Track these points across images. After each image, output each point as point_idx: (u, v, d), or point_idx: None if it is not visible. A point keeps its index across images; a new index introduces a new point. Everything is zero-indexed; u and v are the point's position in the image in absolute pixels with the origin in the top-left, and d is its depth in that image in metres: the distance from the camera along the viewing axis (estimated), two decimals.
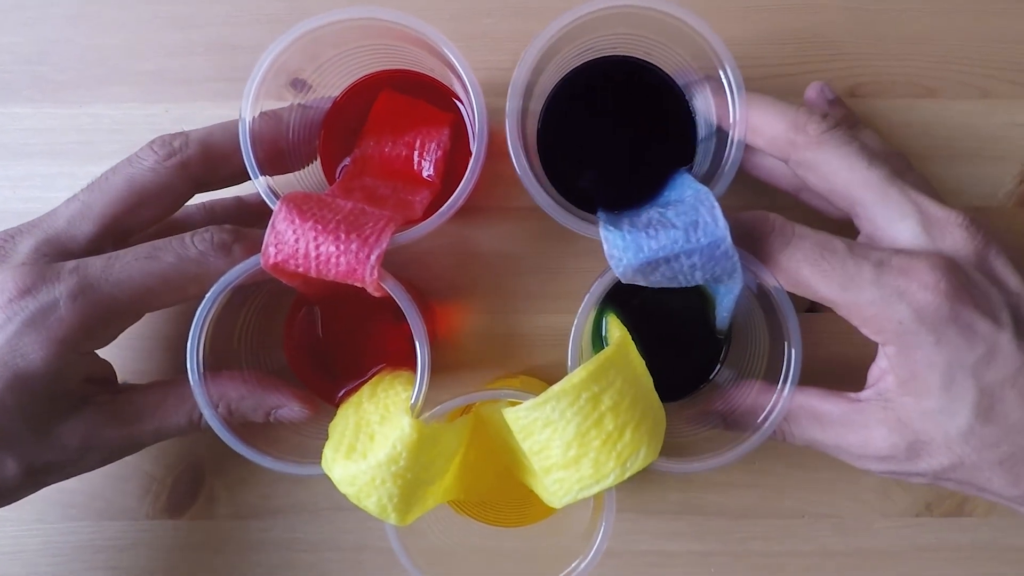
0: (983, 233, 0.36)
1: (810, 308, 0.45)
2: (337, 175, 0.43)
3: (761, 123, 0.38)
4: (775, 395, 0.37)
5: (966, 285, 0.34)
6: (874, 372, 0.37)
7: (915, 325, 0.34)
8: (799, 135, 0.37)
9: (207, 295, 0.36)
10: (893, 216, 0.36)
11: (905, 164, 0.41)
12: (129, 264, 0.36)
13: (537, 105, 0.41)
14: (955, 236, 0.36)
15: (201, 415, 0.37)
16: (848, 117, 0.43)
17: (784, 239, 0.35)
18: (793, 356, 0.37)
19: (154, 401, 0.39)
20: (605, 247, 0.35)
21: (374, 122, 0.42)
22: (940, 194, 0.38)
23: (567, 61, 0.41)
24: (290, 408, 0.39)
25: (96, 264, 0.36)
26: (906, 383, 0.35)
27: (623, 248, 0.34)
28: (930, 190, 0.39)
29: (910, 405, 0.35)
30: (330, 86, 0.42)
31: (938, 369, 0.34)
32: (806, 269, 0.35)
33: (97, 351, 0.39)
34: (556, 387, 0.33)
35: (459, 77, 0.37)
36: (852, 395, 0.37)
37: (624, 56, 0.41)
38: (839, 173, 0.37)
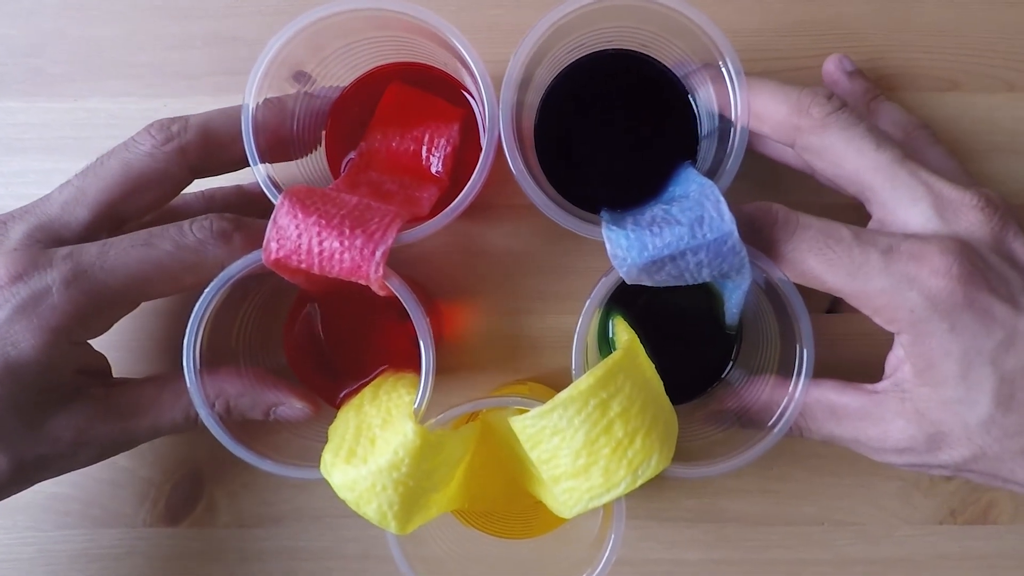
0: (1000, 214, 0.35)
1: (830, 309, 0.44)
2: (342, 169, 0.42)
3: (763, 108, 0.36)
4: (787, 393, 0.36)
5: (981, 269, 0.33)
6: (891, 361, 0.36)
7: (927, 313, 0.33)
8: (803, 119, 0.36)
9: (206, 290, 0.35)
10: (904, 200, 0.35)
11: (929, 138, 0.40)
12: (124, 251, 0.35)
13: (534, 100, 0.40)
14: (970, 218, 0.34)
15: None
16: (868, 90, 0.42)
17: (788, 230, 0.35)
18: (805, 351, 0.36)
19: (150, 396, 0.38)
20: (608, 247, 0.34)
21: (382, 115, 0.42)
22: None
23: (563, 56, 0.40)
24: (290, 406, 0.39)
25: (90, 251, 0.35)
26: (922, 373, 0.34)
27: (627, 247, 0.33)
28: (952, 167, 0.38)
29: (927, 395, 0.34)
30: (335, 78, 0.42)
31: (954, 357, 0.33)
32: (811, 259, 0.34)
33: (91, 343, 0.38)
34: (563, 394, 0.33)
35: (469, 70, 0.36)
36: (869, 387, 0.36)
37: (622, 49, 0.40)
38: (846, 157, 0.36)
